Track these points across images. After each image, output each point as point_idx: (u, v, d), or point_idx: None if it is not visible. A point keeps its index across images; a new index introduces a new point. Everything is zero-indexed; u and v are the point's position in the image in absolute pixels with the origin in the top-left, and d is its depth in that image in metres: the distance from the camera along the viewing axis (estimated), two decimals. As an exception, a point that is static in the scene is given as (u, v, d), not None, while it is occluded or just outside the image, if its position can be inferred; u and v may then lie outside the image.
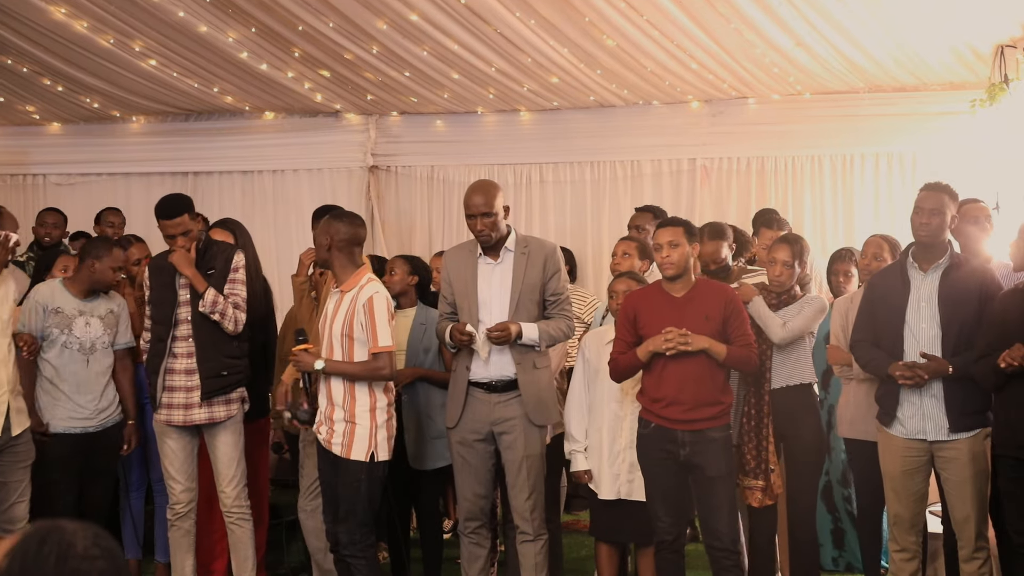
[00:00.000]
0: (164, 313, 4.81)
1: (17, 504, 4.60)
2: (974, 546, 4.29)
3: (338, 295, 4.39)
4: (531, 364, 4.54)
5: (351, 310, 4.30)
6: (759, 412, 4.70)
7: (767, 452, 4.70)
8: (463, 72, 6.93)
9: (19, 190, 8.67)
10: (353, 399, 4.33)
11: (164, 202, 4.82)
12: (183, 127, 8.43)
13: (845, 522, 5.50)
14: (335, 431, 4.34)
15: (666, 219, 4.80)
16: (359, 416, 4.32)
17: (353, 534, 4.30)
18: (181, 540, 4.90)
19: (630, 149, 7.73)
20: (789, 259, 4.77)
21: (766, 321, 4.69)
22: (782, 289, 4.78)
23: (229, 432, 4.83)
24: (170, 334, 4.78)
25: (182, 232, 4.74)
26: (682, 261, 4.32)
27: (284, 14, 5.98)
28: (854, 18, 5.80)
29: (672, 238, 4.32)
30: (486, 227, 4.50)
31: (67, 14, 6.13)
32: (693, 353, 4.22)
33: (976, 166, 6.51)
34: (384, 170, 8.31)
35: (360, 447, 4.30)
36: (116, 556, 1.59)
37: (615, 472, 4.64)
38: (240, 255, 4.91)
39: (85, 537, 1.57)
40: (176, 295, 4.79)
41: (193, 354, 4.76)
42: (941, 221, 4.30)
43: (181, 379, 4.77)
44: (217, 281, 4.79)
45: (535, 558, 4.59)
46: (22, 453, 4.62)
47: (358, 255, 4.50)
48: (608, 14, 5.81)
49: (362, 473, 4.30)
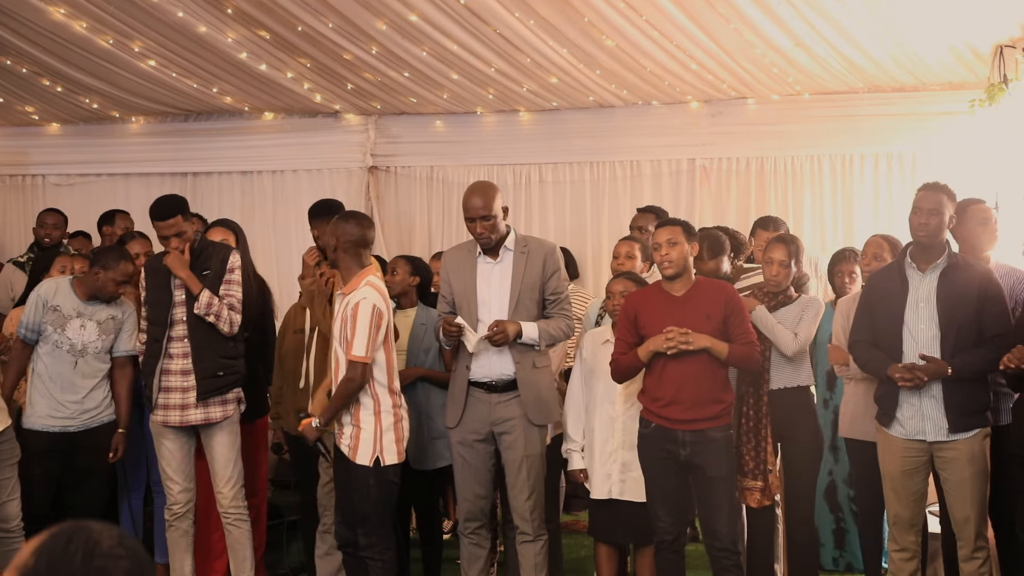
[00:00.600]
0: (159, 314, 4.80)
1: (8, 503, 4.60)
2: (974, 546, 4.28)
3: (342, 298, 4.38)
4: (531, 364, 4.54)
5: (343, 314, 4.30)
6: (757, 413, 4.70)
7: (765, 453, 4.71)
8: (462, 72, 6.93)
9: (18, 190, 8.67)
10: (358, 404, 4.33)
11: (157, 203, 4.81)
12: (182, 127, 8.43)
13: (848, 522, 5.49)
14: (344, 432, 4.36)
15: (664, 219, 4.81)
16: (363, 421, 4.32)
17: (371, 536, 4.29)
18: (179, 540, 4.90)
19: (629, 149, 7.72)
20: (785, 258, 4.77)
21: (776, 333, 4.68)
22: (779, 289, 4.79)
23: (226, 432, 4.82)
24: (165, 335, 4.78)
25: (176, 233, 4.73)
26: (681, 260, 4.32)
27: (283, 15, 5.97)
28: (853, 18, 5.80)
29: (671, 236, 4.33)
30: (485, 230, 4.49)
31: (66, 14, 6.13)
32: (694, 352, 4.22)
33: (975, 166, 6.51)
34: (383, 170, 8.30)
35: (365, 451, 4.29)
36: (140, 556, 1.60)
37: (607, 472, 4.65)
38: (236, 255, 4.90)
39: (111, 536, 1.58)
40: (171, 296, 4.79)
41: (189, 354, 4.76)
42: (940, 221, 4.31)
43: (177, 379, 4.77)
44: (212, 282, 4.79)
45: (535, 558, 4.59)
46: (6, 451, 4.62)
47: (365, 256, 4.45)
48: (607, 14, 5.81)
49: (370, 477, 4.28)
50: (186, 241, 4.78)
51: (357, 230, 4.37)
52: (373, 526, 4.29)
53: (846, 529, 5.51)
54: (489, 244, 4.55)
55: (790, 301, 4.80)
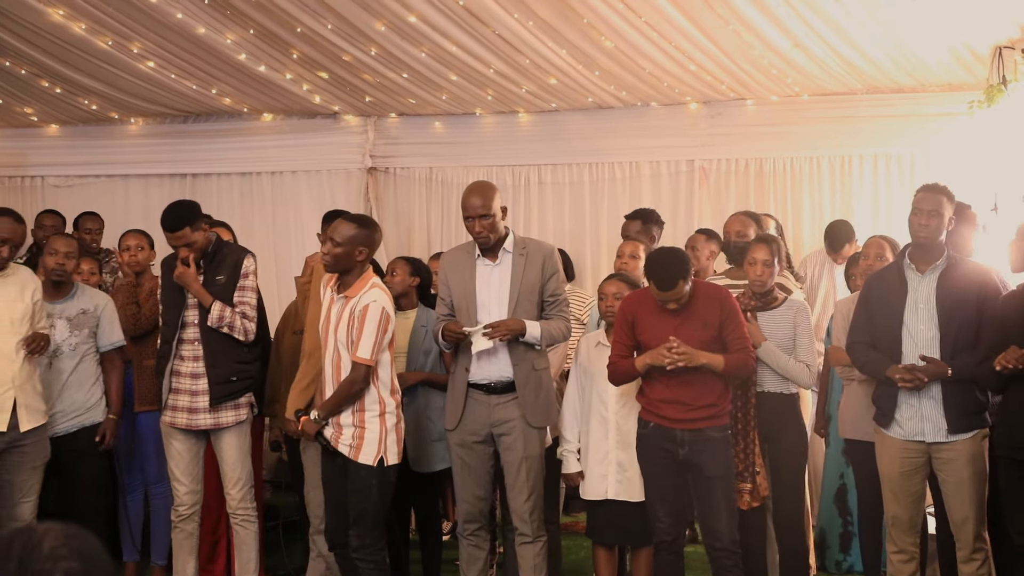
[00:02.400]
0: (172, 315, 4.80)
1: (22, 503, 4.58)
2: (972, 547, 4.29)
3: (343, 301, 4.34)
4: (530, 366, 4.54)
5: (350, 317, 4.27)
6: (745, 415, 4.69)
7: (753, 455, 4.70)
8: (461, 74, 6.93)
9: (17, 192, 8.67)
10: (362, 407, 4.31)
11: (166, 213, 4.76)
12: (181, 129, 8.43)
13: (856, 527, 5.46)
14: (343, 433, 4.32)
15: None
16: (368, 422, 4.30)
17: (364, 538, 4.28)
18: (184, 542, 4.89)
19: (628, 150, 7.73)
20: (768, 257, 4.77)
21: (790, 371, 4.68)
22: (763, 289, 4.78)
23: (236, 435, 4.81)
24: (176, 336, 4.77)
25: (184, 244, 4.71)
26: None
27: (282, 15, 5.97)
28: (852, 19, 5.80)
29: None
30: (484, 229, 4.49)
31: (65, 16, 6.13)
32: (692, 369, 4.24)
33: (974, 167, 6.51)
34: (383, 172, 8.30)
35: (369, 451, 4.28)
36: (90, 556, 1.55)
37: (602, 472, 4.64)
38: (251, 259, 4.86)
39: (56, 538, 1.53)
40: (184, 297, 4.77)
41: (199, 358, 4.73)
42: (939, 222, 4.30)
43: (186, 382, 4.75)
44: (226, 289, 4.75)
45: (534, 560, 4.59)
46: (31, 453, 4.58)
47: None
48: (606, 15, 5.81)
49: (372, 478, 4.27)
50: (198, 250, 4.74)
51: (377, 240, 4.36)
52: (368, 527, 4.28)
53: (853, 533, 5.47)
54: (488, 244, 4.54)
55: (776, 303, 4.80)
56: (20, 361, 4.54)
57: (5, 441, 4.51)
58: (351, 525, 4.30)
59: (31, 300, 4.64)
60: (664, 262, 4.25)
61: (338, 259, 4.28)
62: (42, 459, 4.64)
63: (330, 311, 4.39)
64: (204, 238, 4.77)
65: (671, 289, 4.18)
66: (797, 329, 4.74)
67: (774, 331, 4.73)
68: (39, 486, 4.64)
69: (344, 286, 4.35)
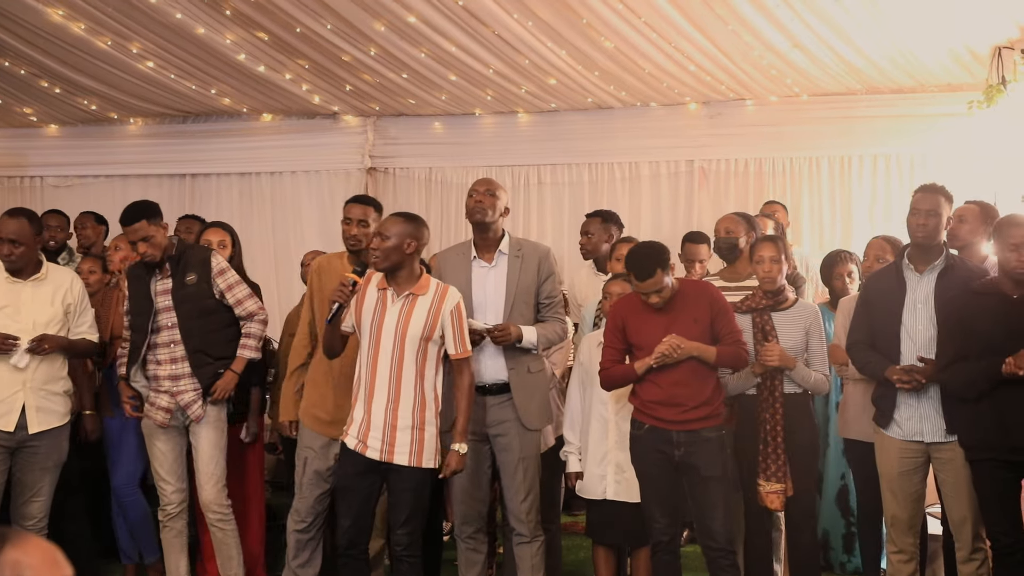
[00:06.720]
0: (140, 322, 4.77)
1: (31, 502, 4.58)
2: (971, 547, 4.28)
3: (408, 299, 4.13)
4: (525, 368, 4.53)
5: (432, 314, 4.12)
6: (774, 416, 4.66)
7: (783, 455, 4.67)
8: (461, 74, 6.94)
9: (16, 192, 8.69)
10: (424, 405, 4.13)
11: (125, 210, 4.72)
12: (181, 129, 8.44)
13: (859, 527, 5.46)
14: (397, 440, 4.10)
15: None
16: (428, 423, 4.14)
17: (414, 535, 4.18)
18: (173, 541, 4.87)
19: (628, 151, 7.74)
20: (776, 254, 4.76)
21: (816, 386, 4.68)
22: (774, 287, 4.75)
23: (211, 429, 4.77)
24: (146, 342, 4.75)
25: (142, 238, 4.65)
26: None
27: (282, 16, 5.98)
28: (851, 20, 5.81)
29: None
30: (483, 199, 4.48)
31: (65, 16, 6.14)
32: (682, 360, 4.23)
33: (974, 168, 6.52)
34: (382, 172, 8.31)
35: (430, 453, 4.13)
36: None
37: (600, 473, 4.64)
38: (217, 257, 4.85)
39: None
40: (152, 304, 4.74)
41: (177, 360, 4.72)
42: (938, 222, 4.31)
43: (166, 384, 4.73)
44: (200, 287, 4.74)
45: (532, 559, 4.59)
46: (43, 454, 4.58)
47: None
48: (606, 16, 5.81)
49: (428, 478, 4.15)
50: (157, 247, 4.68)
51: (426, 236, 4.24)
52: (418, 526, 4.17)
53: (856, 534, 5.47)
54: (483, 219, 4.50)
55: (788, 304, 4.77)
56: (36, 363, 4.55)
57: (15, 441, 4.52)
58: (401, 524, 4.13)
59: (62, 304, 4.65)
60: (641, 253, 4.29)
61: (388, 253, 4.10)
62: (55, 460, 4.64)
63: (384, 310, 4.15)
64: (164, 238, 4.73)
65: (649, 278, 4.19)
66: (810, 338, 4.71)
67: (787, 333, 4.69)
68: (50, 487, 4.64)
69: (403, 283, 4.16)
